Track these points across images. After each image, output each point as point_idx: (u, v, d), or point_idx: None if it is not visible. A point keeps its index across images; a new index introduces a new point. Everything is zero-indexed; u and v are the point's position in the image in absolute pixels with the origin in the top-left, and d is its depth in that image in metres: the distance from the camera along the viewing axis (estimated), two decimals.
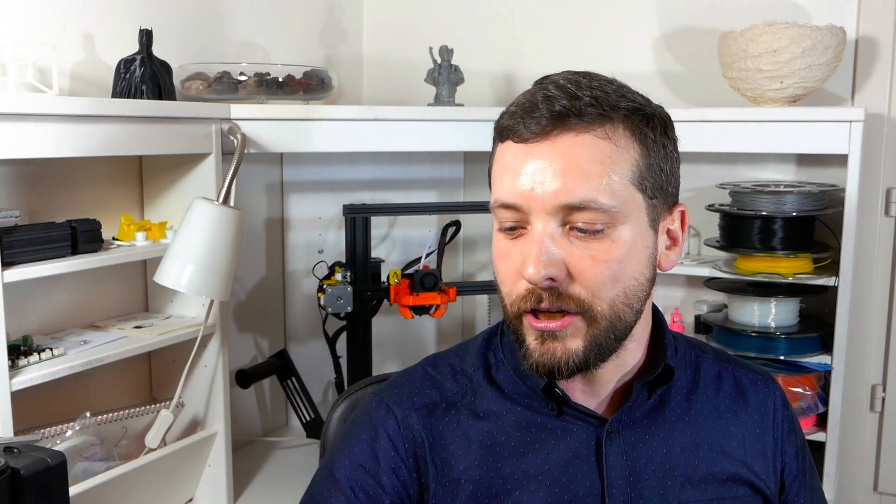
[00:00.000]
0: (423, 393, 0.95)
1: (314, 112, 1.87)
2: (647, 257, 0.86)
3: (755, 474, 0.95)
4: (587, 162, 0.81)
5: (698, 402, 0.96)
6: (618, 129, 0.83)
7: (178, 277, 1.49)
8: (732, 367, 1.01)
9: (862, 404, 2.05)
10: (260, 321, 2.19)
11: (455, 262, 2.42)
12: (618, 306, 0.84)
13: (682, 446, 0.92)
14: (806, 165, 2.03)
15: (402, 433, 0.92)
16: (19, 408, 1.38)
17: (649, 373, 0.92)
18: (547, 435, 0.91)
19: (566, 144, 0.82)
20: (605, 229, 0.82)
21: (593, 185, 0.81)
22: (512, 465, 0.90)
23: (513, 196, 0.83)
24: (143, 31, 1.66)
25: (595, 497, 0.89)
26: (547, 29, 2.29)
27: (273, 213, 2.20)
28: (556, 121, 0.82)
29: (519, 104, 0.85)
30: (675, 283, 2.17)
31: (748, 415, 0.97)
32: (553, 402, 0.91)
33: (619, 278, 0.83)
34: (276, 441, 2.18)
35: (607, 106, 0.83)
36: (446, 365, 0.98)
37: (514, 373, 0.94)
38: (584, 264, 0.82)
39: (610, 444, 0.90)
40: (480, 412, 0.93)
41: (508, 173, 0.84)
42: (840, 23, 1.86)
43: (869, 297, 2.01)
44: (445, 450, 0.92)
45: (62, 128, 1.40)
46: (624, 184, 0.83)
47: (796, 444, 1.01)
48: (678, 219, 0.91)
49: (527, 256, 0.82)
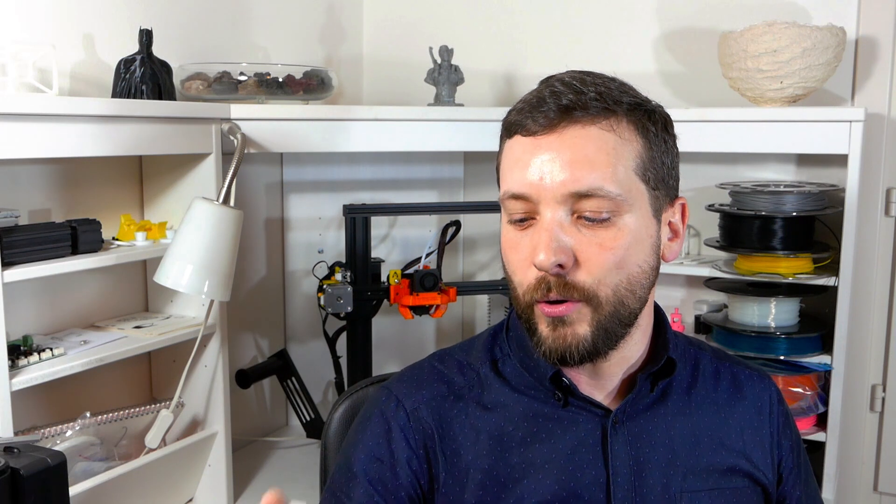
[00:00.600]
0: (431, 386, 0.98)
1: (314, 112, 1.87)
2: (651, 246, 0.90)
3: (754, 465, 0.97)
4: (593, 152, 0.85)
5: (698, 395, 0.98)
6: (621, 122, 0.87)
7: (178, 277, 1.49)
8: (729, 363, 1.04)
9: (862, 404, 2.05)
10: (260, 321, 2.19)
11: (455, 262, 2.42)
12: (621, 292, 0.87)
13: (684, 437, 0.95)
14: (806, 165, 2.03)
15: (412, 425, 0.95)
16: (19, 408, 1.38)
17: (652, 366, 0.95)
18: (553, 425, 0.93)
19: (573, 136, 0.85)
20: (612, 217, 0.86)
21: (600, 174, 0.84)
22: (519, 455, 0.92)
23: (522, 186, 0.86)
24: (143, 31, 1.66)
25: (600, 485, 0.91)
26: (547, 29, 2.29)
27: (273, 213, 2.20)
28: (562, 114, 0.85)
29: (526, 101, 0.89)
30: (675, 283, 2.17)
31: (746, 409, 1.00)
32: (560, 392, 0.93)
33: (624, 265, 0.87)
34: (276, 441, 2.18)
35: (611, 100, 0.86)
36: (453, 360, 1.01)
37: (521, 365, 0.97)
38: (592, 251, 0.85)
39: (615, 434, 0.92)
40: (488, 404, 0.95)
41: (517, 166, 0.87)
42: (840, 23, 1.86)
43: (869, 297, 2.01)
44: (454, 440, 0.94)
45: (62, 128, 1.40)
46: (628, 174, 0.86)
47: (792, 439, 1.03)
48: (679, 211, 0.94)
49: (537, 244, 0.85)
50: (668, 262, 0.94)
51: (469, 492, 0.92)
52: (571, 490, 0.91)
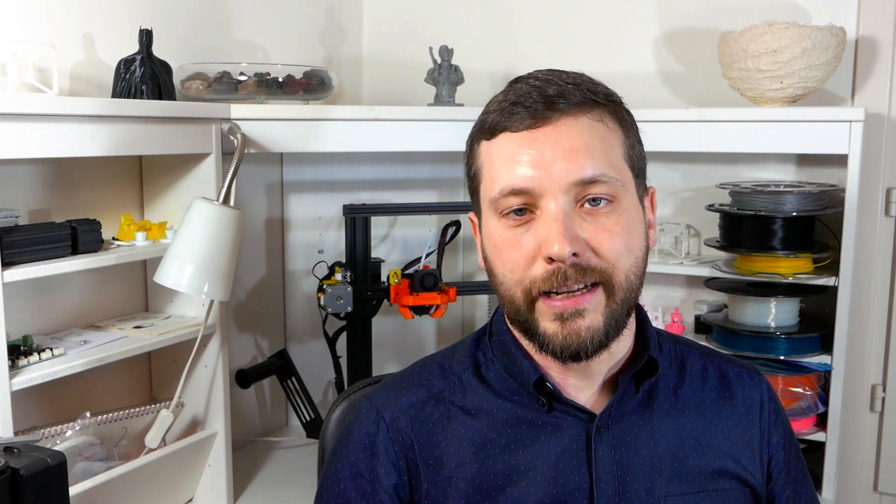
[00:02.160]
0: (410, 392, 0.98)
1: (314, 112, 1.87)
2: (644, 232, 0.92)
3: (742, 467, 0.96)
4: (589, 140, 0.87)
5: (685, 396, 0.98)
6: (605, 114, 0.89)
7: (178, 277, 1.49)
8: (717, 361, 1.03)
9: (862, 404, 2.05)
10: (260, 321, 2.18)
11: (455, 262, 2.42)
12: (630, 278, 0.88)
13: (669, 440, 0.94)
14: (806, 165, 2.03)
15: (391, 437, 0.95)
16: (19, 408, 1.38)
17: (634, 366, 0.94)
18: (537, 431, 0.92)
19: (567, 127, 0.87)
20: (613, 202, 0.87)
21: (600, 161, 0.86)
22: (503, 462, 0.92)
23: (524, 181, 0.86)
24: (143, 31, 1.66)
25: (583, 492, 0.90)
26: (547, 29, 2.29)
27: (273, 213, 2.20)
28: (548, 106, 0.87)
29: (503, 101, 0.90)
30: (675, 283, 2.17)
31: (734, 408, 0.99)
32: (544, 397, 0.93)
33: (631, 248, 0.88)
34: (276, 441, 2.18)
35: (590, 92, 0.89)
36: (434, 364, 1.01)
37: (504, 370, 0.96)
38: (602, 237, 0.86)
39: (599, 440, 0.92)
40: (471, 409, 0.95)
41: (512, 162, 0.87)
42: (840, 23, 1.85)
43: (869, 297, 2.01)
44: (437, 447, 0.93)
45: (62, 128, 1.40)
46: (620, 161, 0.89)
47: (783, 436, 1.02)
48: (649, 200, 0.96)
49: (546, 237, 0.85)
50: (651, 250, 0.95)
51: (453, 501, 0.91)
52: (555, 497, 0.90)
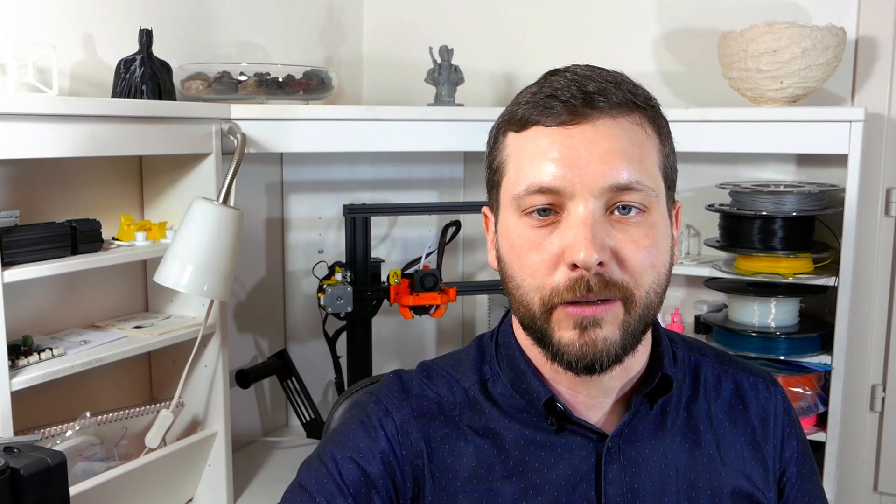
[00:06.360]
0: (420, 402, 0.92)
1: (314, 112, 1.87)
2: (669, 247, 0.86)
3: (754, 485, 0.93)
4: (627, 145, 0.81)
5: (698, 412, 0.94)
6: (644, 119, 0.84)
7: (178, 277, 1.49)
8: (733, 370, 0.99)
9: (862, 404, 2.05)
10: (260, 321, 2.18)
11: (455, 262, 2.42)
12: (650, 295, 0.82)
13: (681, 461, 0.90)
14: (806, 165, 2.03)
15: (399, 438, 0.90)
16: (19, 408, 1.38)
17: (646, 385, 0.90)
18: (546, 454, 0.88)
19: (607, 127, 0.81)
20: (643, 213, 0.81)
21: (636, 168, 0.80)
22: (511, 485, 0.88)
23: (554, 179, 0.80)
24: (143, 31, 1.66)
25: None
26: (547, 29, 2.29)
27: (273, 213, 2.20)
28: (588, 103, 0.81)
29: (537, 93, 0.84)
30: (675, 283, 2.17)
31: (748, 423, 0.96)
32: (553, 417, 0.89)
33: (656, 265, 0.82)
34: (276, 441, 2.18)
35: (630, 93, 0.83)
36: (441, 377, 0.95)
37: (512, 386, 0.92)
38: (629, 249, 0.80)
39: (609, 461, 0.88)
40: (479, 429, 0.90)
41: (544, 157, 0.81)
42: (840, 23, 1.85)
43: (869, 297, 2.01)
44: (444, 463, 0.89)
45: (62, 128, 1.40)
46: (654, 170, 0.83)
47: (797, 450, 0.99)
48: (675, 214, 0.90)
49: (572, 242, 0.79)
50: None
51: None
52: None
